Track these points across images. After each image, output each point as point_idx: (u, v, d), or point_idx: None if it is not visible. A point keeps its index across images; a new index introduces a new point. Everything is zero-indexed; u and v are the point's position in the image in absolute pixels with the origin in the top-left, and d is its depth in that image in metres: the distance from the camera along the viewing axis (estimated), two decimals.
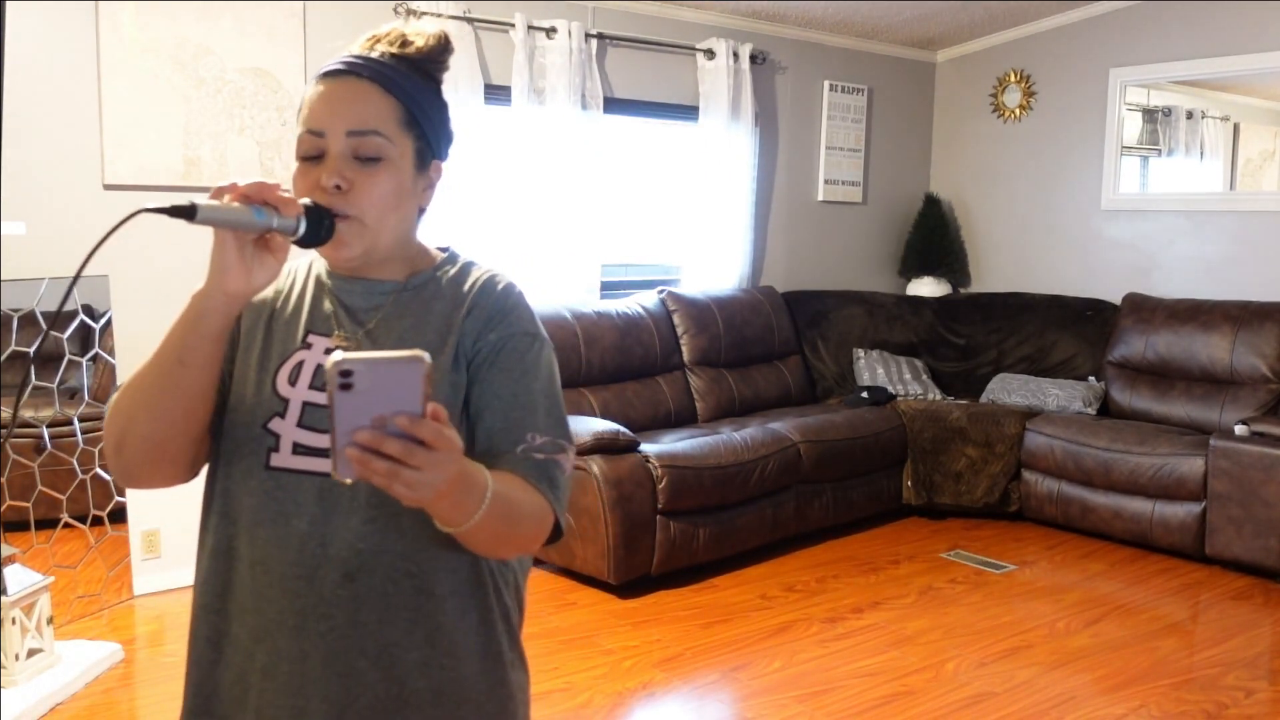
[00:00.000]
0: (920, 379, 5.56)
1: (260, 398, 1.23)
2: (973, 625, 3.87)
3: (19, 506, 3.55)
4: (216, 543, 1.24)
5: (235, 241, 1.09)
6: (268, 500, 1.20)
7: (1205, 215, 5.50)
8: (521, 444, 1.20)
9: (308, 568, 1.18)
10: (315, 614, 1.18)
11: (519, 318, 1.27)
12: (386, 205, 1.20)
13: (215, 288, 1.11)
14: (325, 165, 1.18)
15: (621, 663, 3.49)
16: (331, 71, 1.22)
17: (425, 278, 1.29)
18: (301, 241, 1.13)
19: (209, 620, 1.24)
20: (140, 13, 3.78)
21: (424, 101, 1.24)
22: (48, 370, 3.64)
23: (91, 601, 3.75)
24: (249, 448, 1.22)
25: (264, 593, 1.20)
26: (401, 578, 1.19)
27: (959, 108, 6.47)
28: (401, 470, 0.94)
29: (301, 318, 1.28)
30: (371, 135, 1.19)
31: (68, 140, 3.73)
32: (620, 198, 5.32)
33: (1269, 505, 4.28)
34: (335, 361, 0.92)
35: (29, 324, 3.57)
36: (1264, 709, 3.25)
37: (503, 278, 1.31)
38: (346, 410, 0.93)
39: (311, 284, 1.31)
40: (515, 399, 1.22)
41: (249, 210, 1.07)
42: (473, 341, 1.24)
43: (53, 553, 3.61)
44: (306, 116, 1.21)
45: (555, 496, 1.21)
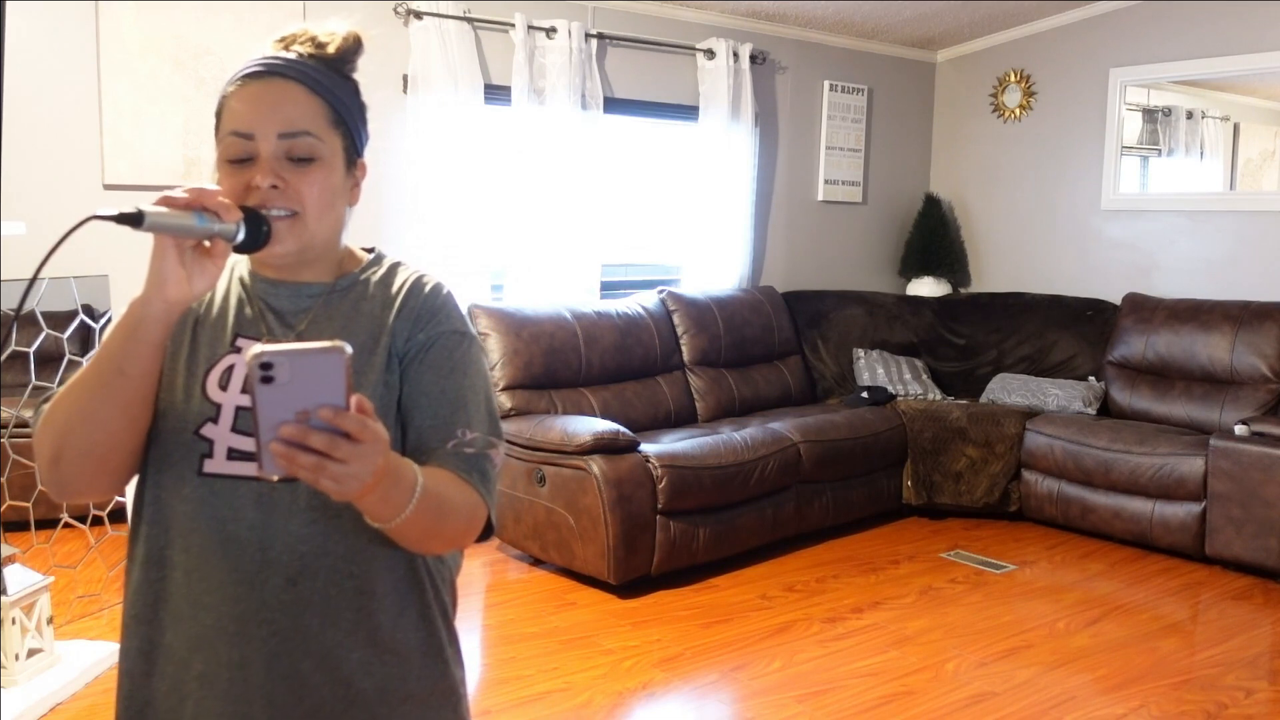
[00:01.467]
0: (920, 379, 5.56)
1: (190, 403, 1.21)
2: (973, 625, 3.87)
3: (19, 506, 3.55)
4: (148, 552, 1.22)
5: (175, 248, 1.08)
6: (202, 507, 1.19)
7: (1205, 215, 5.50)
8: (452, 439, 1.21)
9: (248, 573, 1.17)
10: (256, 619, 1.17)
11: (447, 316, 1.27)
12: (322, 203, 1.20)
13: (155, 295, 1.09)
14: (258, 167, 1.17)
15: (621, 663, 3.49)
16: (254, 73, 1.21)
17: (352, 279, 1.29)
18: (240, 247, 1.13)
19: (140, 631, 1.23)
20: (140, 13, 3.78)
21: (347, 100, 1.24)
22: (48, 370, 3.64)
23: (91, 601, 3.75)
24: (180, 454, 1.20)
25: (200, 600, 1.18)
26: (343, 579, 1.19)
27: (959, 108, 6.47)
28: (327, 464, 0.93)
29: (229, 321, 1.26)
30: (303, 136, 1.18)
31: (68, 140, 3.73)
32: (620, 198, 5.32)
33: (1269, 505, 4.28)
34: (255, 354, 0.92)
35: (29, 324, 3.57)
36: (1264, 709, 3.25)
37: (430, 278, 1.31)
38: (269, 404, 0.92)
39: (235, 286, 1.29)
40: (444, 396, 1.23)
41: (192, 216, 1.07)
42: (403, 341, 1.24)
43: (53, 553, 3.61)
44: (232, 119, 1.20)
45: (486, 490, 1.21)
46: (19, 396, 3.58)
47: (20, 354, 3.55)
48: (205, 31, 3.91)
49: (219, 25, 3.94)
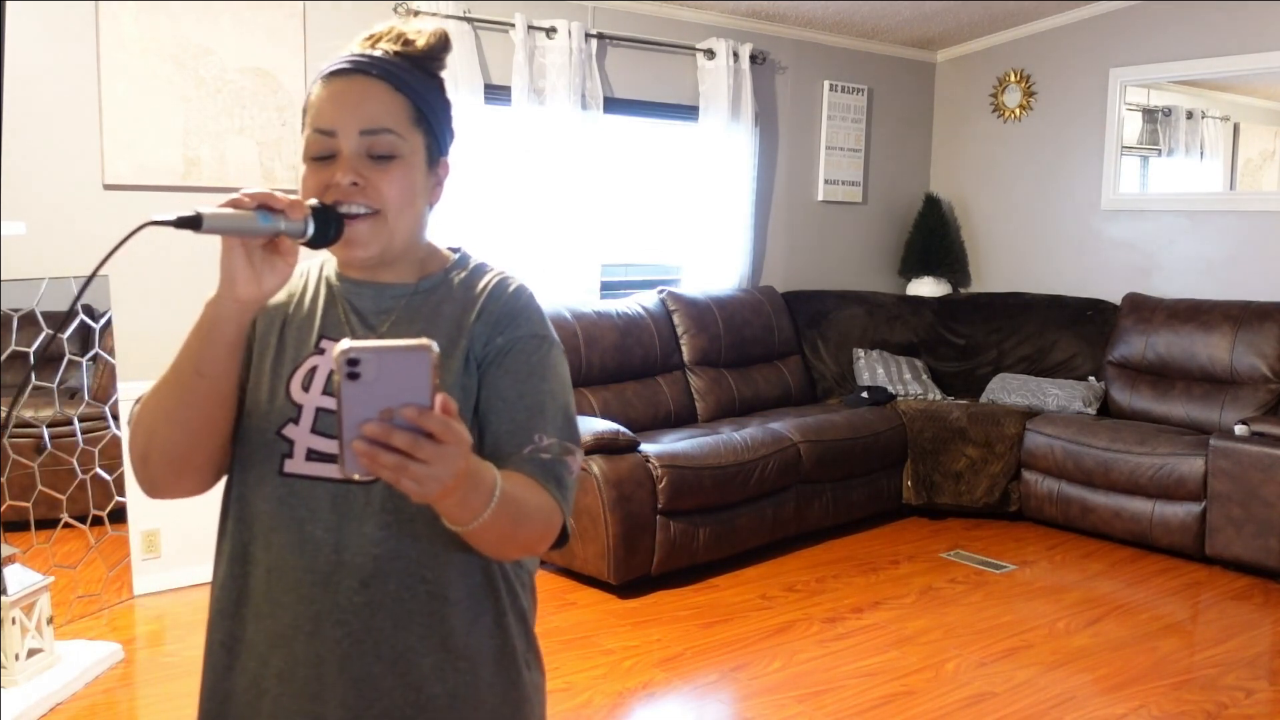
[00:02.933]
0: (920, 379, 5.56)
1: (274, 404, 1.22)
2: (973, 625, 3.87)
3: (19, 506, 3.55)
4: (233, 548, 1.25)
5: (243, 248, 1.09)
6: (281, 506, 1.20)
7: (1205, 215, 5.50)
8: (529, 445, 1.19)
9: (323, 574, 1.18)
10: (331, 620, 1.18)
11: (528, 320, 1.26)
12: (403, 202, 1.19)
13: (226, 295, 1.11)
14: (339, 164, 1.17)
15: (621, 663, 3.49)
16: (338, 70, 1.21)
17: (436, 280, 1.28)
18: (310, 243, 1.13)
19: (224, 625, 1.24)
20: (140, 13, 3.78)
21: (431, 99, 1.23)
22: (48, 370, 3.64)
23: (91, 601, 3.75)
24: (263, 454, 1.21)
25: (279, 598, 1.20)
26: (416, 583, 1.19)
27: (959, 108, 6.47)
28: (409, 464, 0.92)
29: (314, 322, 1.27)
30: (384, 133, 1.18)
31: (68, 140, 3.73)
32: (620, 198, 5.32)
33: (1269, 505, 4.28)
34: (343, 349, 0.91)
35: (29, 324, 3.57)
36: (1264, 709, 3.25)
37: (513, 280, 1.30)
38: (354, 401, 0.92)
39: (323, 287, 1.30)
40: (522, 400, 1.21)
41: (254, 215, 1.07)
42: (482, 344, 1.23)
43: (53, 553, 3.61)
44: (315, 117, 1.20)
45: (562, 497, 1.20)
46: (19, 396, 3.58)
47: (20, 354, 3.55)
48: (205, 31, 3.91)
49: (219, 25, 3.94)
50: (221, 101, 3.97)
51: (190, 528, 4.00)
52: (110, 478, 3.79)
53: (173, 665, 3.40)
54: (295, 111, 4.13)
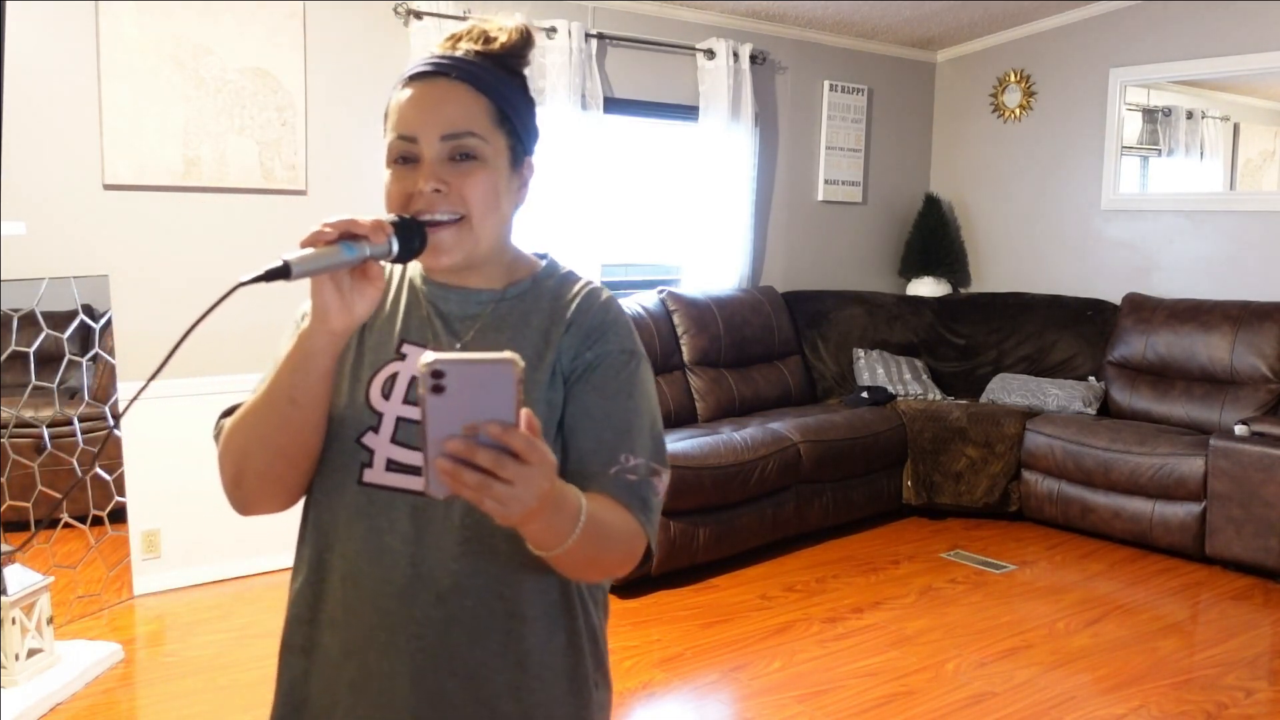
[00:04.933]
0: (920, 379, 5.56)
1: (353, 410, 1.20)
2: (973, 625, 3.87)
3: (19, 506, 3.55)
4: (311, 555, 1.23)
5: (332, 281, 1.07)
6: (360, 516, 1.18)
7: (1205, 215, 5.50)
8: (615, 465, 1.16)
9: (399, 586, 1.16)
10: (406, 633, 1.16)
11: (617, 334, 1.23)
12: (488, 205, 1.18)
13: (319, 328, 1.09)
14: (421, 170, 1.16)
15: (621, 663, 3.49)
16: (419, 74, 1.19)
17: (524, 287, 1.26)
18: (398, 259, 1.12)
19: (301, 630, 1.23)
20: (140, 13, 3.78)
21: (513, 98, 1.21)
22: (48, 370, 3.64)
23: (91, 601, 3.75)
24: (341, 461, 1.19)
25: (355, 608, 1.18)
26: (493, 600, 1.17)
27: (959, 108, 6.47)
28: (492, 484, 0.89)
29: (396, 326, 1.25)
30: (466, 136, 1.16)
31: (68, 140, 3.73)
32: (620, 198, 5.32)
33: (1269, 505, 4.28)
34: (427, 362, 0.89)
35: (29, 324, 3.57)
36: (1264, 709, 3.25)
37: (603, 291, 1.28)
38: (438, 415, 0.90)
39: (406, 289, 1.27)
40: (609, 419, 1.18)
41: (338, 249, 1.05)
42: (570, 359, 1.20)
43: (53, 553, 3.61)
44: (396, 122, 1.18)
45: (647, 519, 1.17)
46: (19, 396, 3.58)
47: (20, 354, 3.55)
48: (205, 31, 3.91)
49: (219, 25, 3.94)
50: (221, 101, 3.97)
51: (190, 528, 4.01)
52: (110, 478, 3.79)
53: (173, 665, 3.40)
54: (295, 111, 4.13)
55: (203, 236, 3.98)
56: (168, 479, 3.94)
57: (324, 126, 4.22)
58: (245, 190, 4.06)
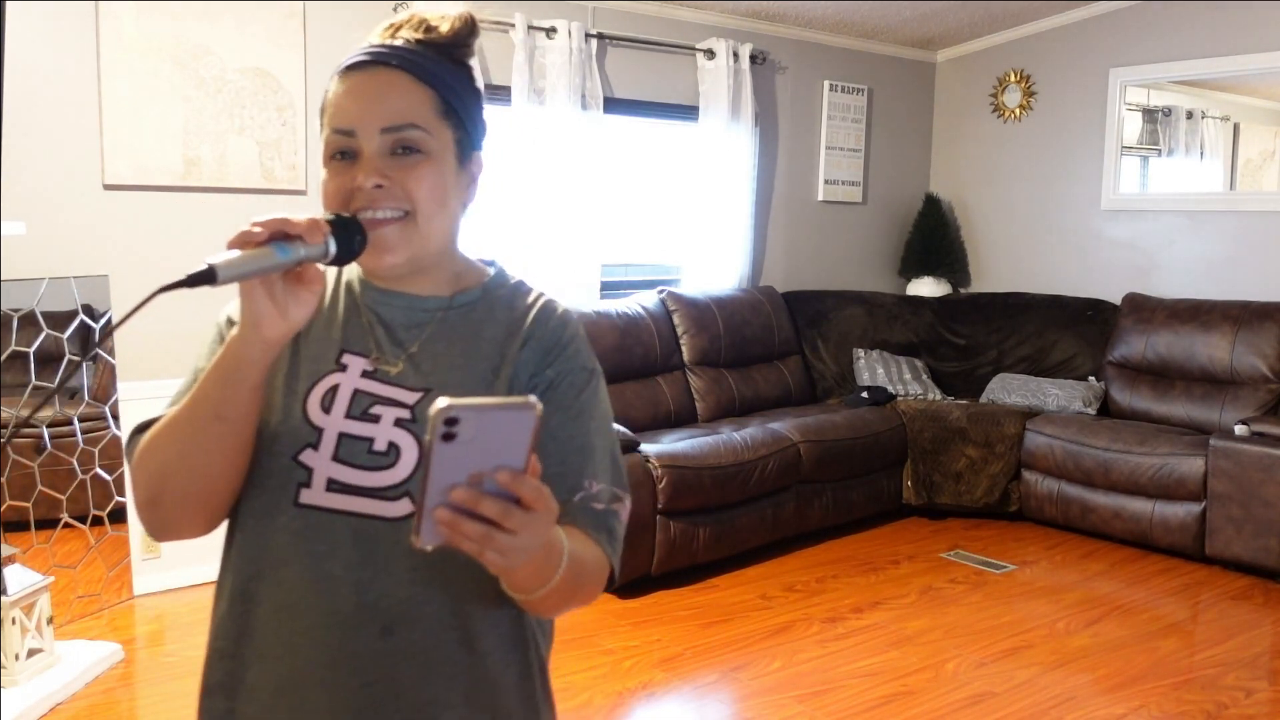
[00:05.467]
0: (920, 379, 5.56)
1: (289, 425, 1.11)
2: (973, 625, 3.87)
3: (19, 506, 3.55)
4: (235, 583, 1.14)
5: (264, 286, 0.99)
6: (297, 541, 1.09)
7: (1205, 215, 5.50)
8: (580, 491, 1.10)
9: (342, 616, 1.08)
10: (348, 668, 1.08)
11: (577, 350, 1.16)
12: (434, 201, 1.09)
13: (251, 336, 1.01)
14: (360, 165, 1.08)
15: (621, 663, 3.49)
16: (356, 64, 1.11)
17: (474, 296, 1.18)
18: (335, 261, 1.04)
19: (223, 666, 1.14)
20: (140, 13, 3.78)
21: (458, 88, 1.13)
22: (48, 370, 3.64)
23: (91, 601, 3.75)
24: (275, 481, 1.10)
25: (290, 640, 1.09)
26: (444, 631, 1.09)
27: (959, 108, 6.47)
28: (495, 534, 0.84)
29: (334, 334, 1.16)
30: (409, 129, 1.08)
31: (68, 140, 3.73)
32: (620, 198, 5.32)
33: (1269, 505, 4.28)
34: (441, 408, 0.81)
35: (29, 324, 3.57)
36: (1264, 709, 3.25)
37: (559, 304, 1.21)
38: (445, 464, 0.83)
39: (343, 294, 1.19)
40: (572, 441, 1.12)
41: (271, 250, 0.97)
42: (529, 376, 1.13)
43: (53, 553, 3.62)
44: (333, 115, 1.10)
45: (613, 550, 1.11)
46: (19, 396, 3.58)
47: (20, 354, 3.55)
48: (205, 31, 3.91)
49: (219, 25, 3.94)
50: (221, 101, 3.97)
51: None
52: (110, 478, 3.79)
53: (173, 665, 3.40)
54: (295, 111, 4.13)
55: (203, 237, 3.98)
56: None
57: None
58: (245, 190, 4.06)
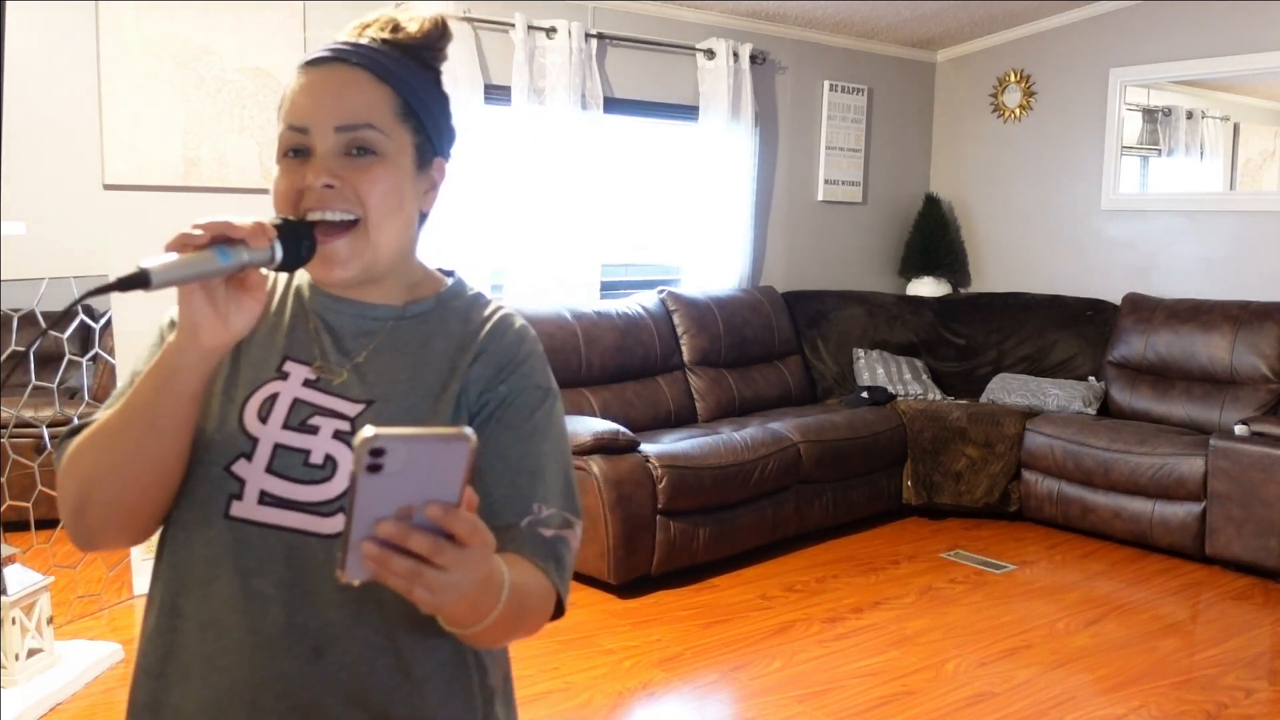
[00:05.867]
0: (920, 379, 5.56)
1: (224, 434, 1.05)
2: (973, 625, 3.87)
3: (19, 506, 3.55)
4: (164, 597, 1.08)
5: (204, 292, 0.95)
6: (225, 555, 1.03)
7: (1205, 215, 5.50)
8: (527, 515, 1.05)
9: (269, 637, 1.02)
10: (274, 691, 1.02)
11: (532, 368, 1.11)
12: (387, 206, 1.05)
13: (189, 344, 0.96)
14: (311, 164, 1.05)
15: (621, 663, 3.49)
16: (315, 60, 1.08)
17: (427, 306, 1.13)
18: (282, 267, 1.00)
19: (148, 685, 1.08)
20: (140, 12, 3.78)
21: (421, 91, 1.09)
22: (48, 370, 3.64)
23: (91, 601, 3.75)
24: (205, 492, 1.05)
25: (215, 660, 1.03)
26: (377, 655, 1.03)
27: (959, 108, 6.47)
28: (425, 571, 0.79)
29: (279, 340, 1.11)
30: (364, 129, 1.05)
31: (68, 140, 3.73)
32: (620, 198, 5.32)
33: (1269, 505, 4.28)
34: (367, 437, 0.77)
35: (29, 324, 3.57)
36: (1264, 709, 3.25)
37: (516, 318, 1.15)
38: (370, 496, 0.79)
39: (291, 297, 1.14)
40: (522, 463, 1.07)
41: (212, 254, 0.92)
42: (479, 392, 1.08)
43: (53, 553, 3.61)
44: (288, 110, 1.07)
45: (561, 578, 1.06)
46: (19, 396, 3.58)
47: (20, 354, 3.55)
48: (205, 31, 3.91)
49: (219, 25, 3.94)
50: (221, 101, 3.97)
51: None
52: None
53: None
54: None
55: None
56: None
57: None
58: (245, 190, 4.06)
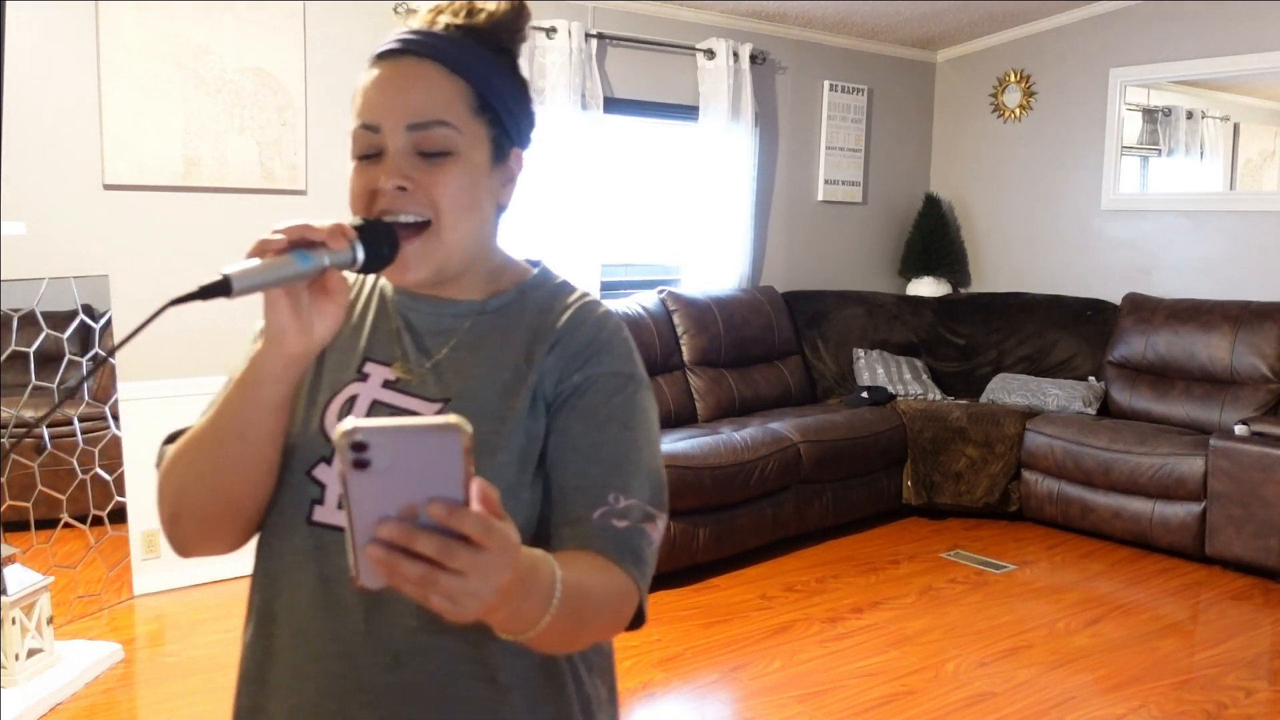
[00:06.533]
0: (920, 379, 5.56)
1: (306, 438, 1.04)
2: (973, 625, 3.87)
3: (19, 506, 3.55)
4: (259, 604, 1.08)
5: (287, 298, 0.93)
6: (308, 561, 1.02)
7: (1205, 215, 5.50)
8: (601, 507, 0.99)
9: (350, 645, 1.00)
10: (358, 701, 1.00)
11: (612, 354, 1.06)
12: (460, 206, 1.01)
13: (274, 352, 0.95)
14: (384, 165, 1.00)
15: (621, 663, 3.48)
16: (386, 52, 1.04)
17: (508, 299, 1.10)
18: (365, 269, 0.97)
19: (249, 691, 1.08)
20: (140, 12, 3.79)
21: (496, 81, 1.04)
22: (48, 370, 3.64)
23: (91, 601, 3.75)
24: (290, 497, 1.04)
25: (302, 668, 1.03)
26: (460, 664, 1.00)
27: (959, 108, 6.47)
28: (439, 576, 0.72)
29: (360, 341, 1.09)
30: (436, 126, 1.00)
31: (68, 140, 3.73)
32: (620, 198, 5.32)
33: (1269, 505, 4.28)
34: (345, 430, 0.72)
35: (29, 324, 3.57)
36: (1264, 709, 3.25)
37: (598, 305, 1.10)
38: (365, 495, 0.73)
39: (375, 298, 1.13)
40: (596, 451, 1.01)
41: (292, 259, 0.90)
42: (555, 382, 1.04)
43: (53, 553, 3.62)
44: (360, 107, 1.03)
45: (640, 574, 1.00)
46: (19, 396, 3.58)
47: (20, 354, 3.55)
48: (205, 31, 3.91)
49: (219, 25, 3.94)
50: (221, 101, 3.97)
51: None
52: (110, 478, 3.79)
53: (173, 665, 3.40)
54: (295, 111, 4.13)
55: (203, 237, 3.98)
56: None
57: (324, 126, 4.22)
58: (245, 190, 4.06)
